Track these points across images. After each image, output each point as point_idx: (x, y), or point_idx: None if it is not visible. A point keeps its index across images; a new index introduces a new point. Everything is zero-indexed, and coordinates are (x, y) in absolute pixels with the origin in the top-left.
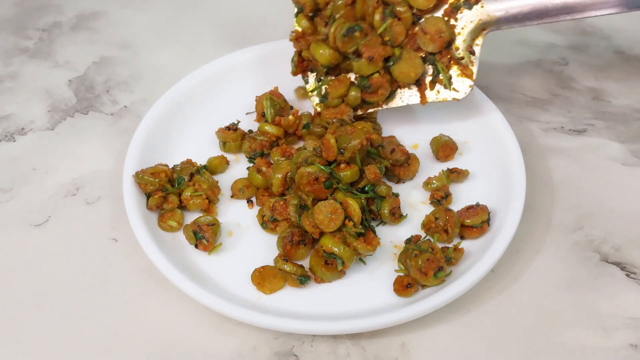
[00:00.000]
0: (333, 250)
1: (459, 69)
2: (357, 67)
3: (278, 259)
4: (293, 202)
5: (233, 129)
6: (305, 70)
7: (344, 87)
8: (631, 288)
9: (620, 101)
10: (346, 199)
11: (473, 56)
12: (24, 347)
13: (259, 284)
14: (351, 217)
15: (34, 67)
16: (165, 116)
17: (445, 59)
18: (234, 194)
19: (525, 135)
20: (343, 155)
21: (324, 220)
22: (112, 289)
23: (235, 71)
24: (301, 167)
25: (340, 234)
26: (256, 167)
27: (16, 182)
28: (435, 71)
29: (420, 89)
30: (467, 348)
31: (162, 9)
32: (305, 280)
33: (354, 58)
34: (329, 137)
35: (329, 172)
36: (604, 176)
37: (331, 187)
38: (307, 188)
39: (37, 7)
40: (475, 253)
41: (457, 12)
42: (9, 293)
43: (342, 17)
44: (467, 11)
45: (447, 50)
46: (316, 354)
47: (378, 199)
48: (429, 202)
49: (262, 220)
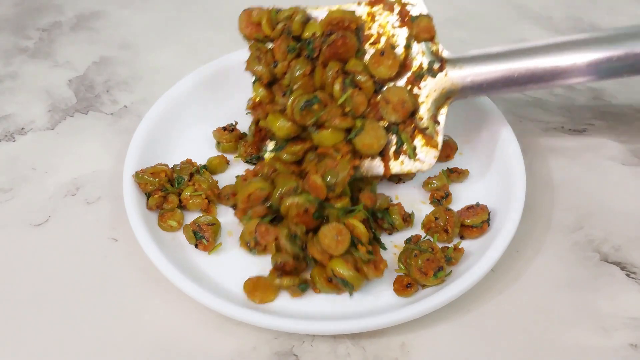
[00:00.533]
0: (344, 276)
1: (424, 138)
2: (317, 139)
3: (273, 275)
4: (283, 233)
5: (229, 130)
6: (264, 140)
7: (301, 147)
8: (631, 288)
9: (620, 101)
10: (349, 221)
11: (438, 125)
12: (24, 347)
13: (250, 292)
14: (359, 237)
15: (34, 67)
16: (165, 116)
17: (409, 129)
18: (220, 199)
19: (525, 135)
20: (334, 191)
21: (331, 244)
22: (112, 289)
23: (235, 71)
24: (288, 198)
25: (351, 257)
26: (244, 177)
27: (16, 182)
28: (399, 141)
29: (384, 159)
30: (467, 348)
31: (162, 9)
32: (306, 287)
33: (313, 130)
34: (315, 177)
35: (317, 204)
36: (604, 176)
37: (321, 218)
38: (295, 220)
39: (37, 7)
40: (475, 253)
41: (421, 81)
42: (9, 293)
43: (300, 88)
44: (431, 79)
45: (411, 119)
46: (316, 354)
47: (384, 213)
48: (429, 202)
49: (249, 248)
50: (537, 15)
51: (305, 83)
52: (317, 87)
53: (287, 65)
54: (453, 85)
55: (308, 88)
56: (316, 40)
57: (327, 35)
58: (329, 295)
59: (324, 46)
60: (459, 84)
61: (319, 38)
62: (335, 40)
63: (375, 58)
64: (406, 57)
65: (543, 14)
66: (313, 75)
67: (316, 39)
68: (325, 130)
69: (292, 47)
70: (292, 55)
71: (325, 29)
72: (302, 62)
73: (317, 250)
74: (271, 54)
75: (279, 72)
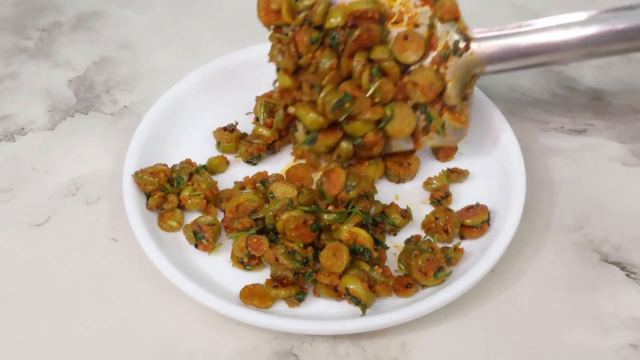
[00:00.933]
0: (357, 294)
1: (451, 116)
2: (350, 129)
3: (269, 286)
4: (281, 252)
5: (230, 130)
6: (292, 121)
7: (333, 139)
8: (631, 288)
9: (620, 101)
10: (350, 230)
11: (465, 103)
12: (24, 347)
13: (247, 298)
14: (364, 244)
15: (34, 67)
16: (165, 116)
17: (437, 106)
18: (217, 202)
19: (525, 135)
20: (348, 193)
21: (332, 264)
22: (112, 289)
23: (235, 71)
24: (284, 214)
25: (360, 273)
26: (241, 185)
27: (16, 182)
28: (428, 119)
29: (414, 135)
30: (467, 348)
31: (162, 9)
32: (303, 296)
33: (345, 122)
34: (340, 172)
35: (314, 214)
36: (604, 176)
37: (318, 230)
38: (293, 233)
39: (37, 7)
40: (475, 253)
41: (447, 61)
42: (9, 293)
43: (329, 83)
44: (457, 59)
45: (439, 98)
46: (316, 354)
47: (382, 217)
48: (429, 202)
49: (243, 265)
50: (537, 16)
51: (333, 76)
52: (345, 77)
53: (312, 57)
54: (479, 63)
55: (335, 79)
56: (340, 35)
57: (350, 27)
58: None
59: (349, 40)
60: (485, 61)
61: (342, 31)
62: (360, 35)
63: (400, 43)
64: (431, 37)
65: (543, 14)
66: (339, 67)
67: (340, 33)
68: (357, 122)
69: (315, 38)
70: (315, 46)
71: (348, 20)
72: (328, 55)
73: (324, 274)
74: (294, 44)
75: (303, 63)
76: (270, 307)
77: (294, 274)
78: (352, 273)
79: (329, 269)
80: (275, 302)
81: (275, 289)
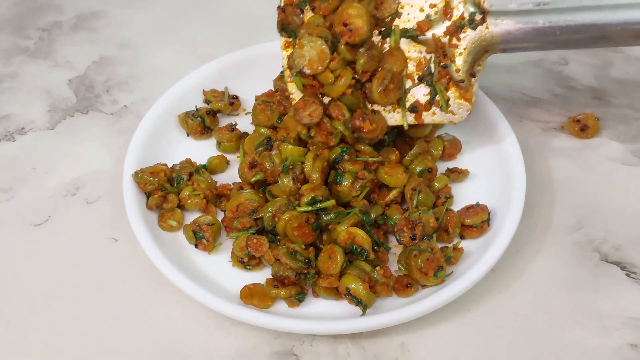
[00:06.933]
0: (358, 294)
1: (457, 91)
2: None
3: (269, 286)
4: (282, 252)
5: (230, 129)
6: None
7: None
8: (631, 288)
9: (620, 101)
10: (348, 230)
11: (474, 79)
12: (24, 347)
13: (247, 298)
14: (361, 245)
15: (34, 67)
16: (165, 116)
17: (444, 80)
18: (216, 202)
19: (525, 135)
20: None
21: (329, 266)
22: (112, 289)
23: (235, 71)
24: (284, 214)
25: (361, 273)
26: (239, 186)
27: (16, 182)
28: (433, 92)
29: (417, 113)
30: (467, 348)
31: (162, 9)
32: (303, 297)
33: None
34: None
35: (315, 212)
36: (604, 176)
37: (319, 229)
38: (296, 232)
39: (37, 7)
40: (475, 253)
41: (460, 32)
42: (9, 293)
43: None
44: (471, 31)
45: (446, 70)
46: (316, 354)
47: (383, 218)
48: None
49: (243, 265)
50: None
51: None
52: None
53: None
54: (493, 38)
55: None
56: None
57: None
58: None
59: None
60: (499, 37)
61: None
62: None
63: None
64: (447, 5)
65: None
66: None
67: None
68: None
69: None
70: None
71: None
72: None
73: (324, 280)
74: None
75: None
76: (270, 307)
77: (296, 274)
78: (353, 273)
79: (326, 271)
80: (275, 302)
81: (275, 288)
